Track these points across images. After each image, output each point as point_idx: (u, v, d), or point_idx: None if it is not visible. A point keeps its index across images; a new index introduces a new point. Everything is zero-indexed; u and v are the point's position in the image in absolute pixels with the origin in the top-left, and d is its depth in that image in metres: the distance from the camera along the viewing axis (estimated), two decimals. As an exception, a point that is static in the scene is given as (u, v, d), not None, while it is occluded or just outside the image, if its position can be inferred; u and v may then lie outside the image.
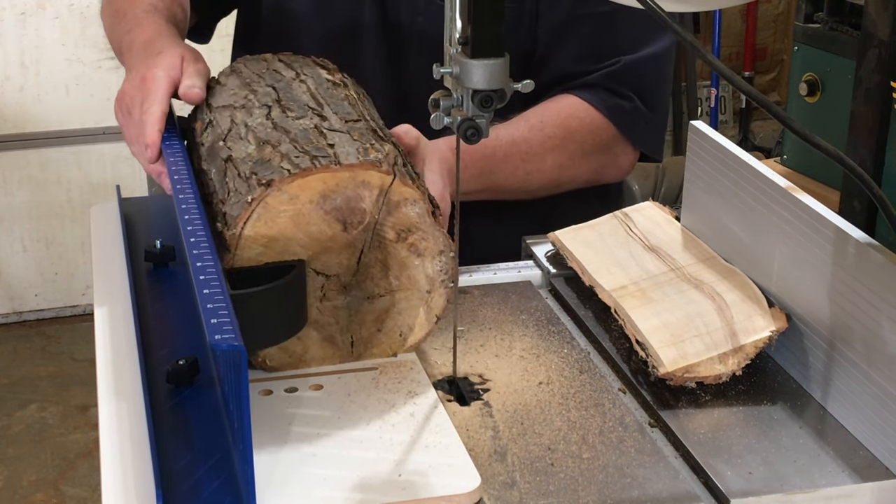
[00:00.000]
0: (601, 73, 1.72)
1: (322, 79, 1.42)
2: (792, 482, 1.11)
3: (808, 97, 3.02)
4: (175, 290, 1.36)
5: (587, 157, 1.73)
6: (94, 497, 3.27)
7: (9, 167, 4.07)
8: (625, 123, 1.73)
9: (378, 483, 1.07)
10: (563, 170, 1.72)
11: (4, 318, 4.22)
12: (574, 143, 1.71)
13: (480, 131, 1.15)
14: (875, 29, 2.26)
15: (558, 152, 1.70)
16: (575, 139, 1.71)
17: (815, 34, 3.00)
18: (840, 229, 1.20)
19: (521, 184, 1.70)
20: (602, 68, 1.72)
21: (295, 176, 1.17)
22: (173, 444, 1.08)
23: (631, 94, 1.73)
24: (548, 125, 1.70)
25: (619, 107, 1.72)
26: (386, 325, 1.27)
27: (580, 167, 1.73)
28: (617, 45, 1.72)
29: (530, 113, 1.70)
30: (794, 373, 1.30)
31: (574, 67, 1.73)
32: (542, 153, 1.69)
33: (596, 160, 1.75)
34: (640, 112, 1.74)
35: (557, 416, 1.22)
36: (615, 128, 1.73)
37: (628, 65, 1.72)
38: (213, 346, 0.96)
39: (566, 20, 1.70)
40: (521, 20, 1.70)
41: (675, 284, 1.39)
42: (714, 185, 1.46)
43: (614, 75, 1.72)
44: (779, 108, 1.09)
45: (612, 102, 1.72)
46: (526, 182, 1.69)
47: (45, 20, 3.95)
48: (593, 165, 1.75)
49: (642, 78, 1.74)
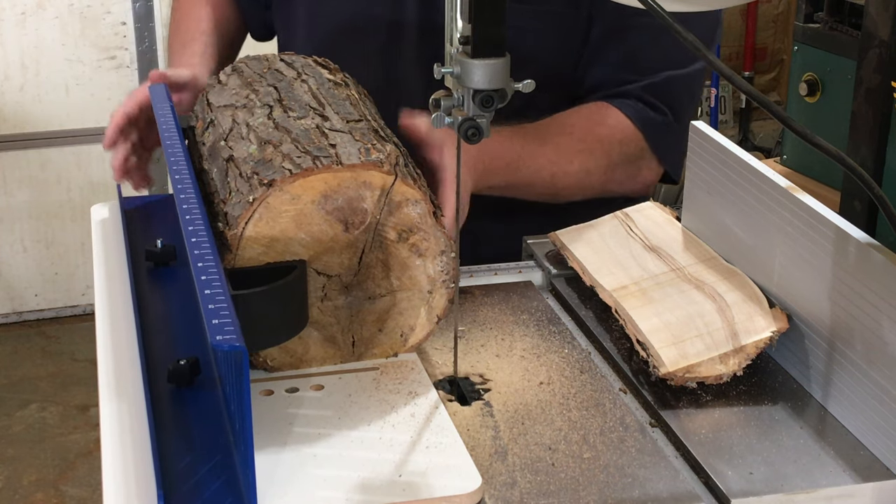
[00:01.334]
0: (640, 85, 1.71)
1: (323, 79, 1.42)
2: (793, 482, 1.11)
3: (808, 97, 3.02)
4: (176, 289, 1.36)
5: (614, 165, 1.72)
6: (94, 497, 3.27)
7: (9, 167, 4.06)
8: (655, 137, 1.72)
9: (379, 483, 1.07)
10: (588, 175, 1.71)
11: (4, 318, 4.22)
12: (602, 150, 1.70)
13: (481, 131, 1.15)
14: (875, 29, 2.26)
15: (585, 157, 1.69)
16: (603, 146, 1.70)
17: (815, 34, 3.00)
18: (841, 229, 1.21)
19: (546, 184, 1.69)
20: (642, 80, 1.71)
21: (296, 176, 1.17)
22: (174, 444, 1.08)
23: (665, 108, 1.72)
24: (578, 129, 1.70)
25: (652, 120, 1.71)
26: (387, 325, 1.27)
27: (606, 175, 1.73)
28: (659, 60, 1.71)
29: (562, 115, 1.71)
30: (794, 373, 1.30)
31: (614, 76, 1.72)
32: (569, 156, 1.68)
33: (622, 170, 1.74)
34: (672, 127, 1.73)
35: (558, 415, 1.22)
36: (645, 140, 1.72)
37: (669, 80, 1.71)
38: (215, 346, 0.96)
39: (614, 29, 1.69)
40: (577, 24, 1.70)
41: (675, 284, 1.40)
42: (714, 185, 1.46)
43: (652, 88, 1.71)
44: (779, 107, 1.09)
45: (645, 115, 1.71)
46: (551, 183, 1.69)
47: (45, 20, 3.95)
48: (619, 175, 1.74)
49: (679, 95, 1.74)
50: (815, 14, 3.00)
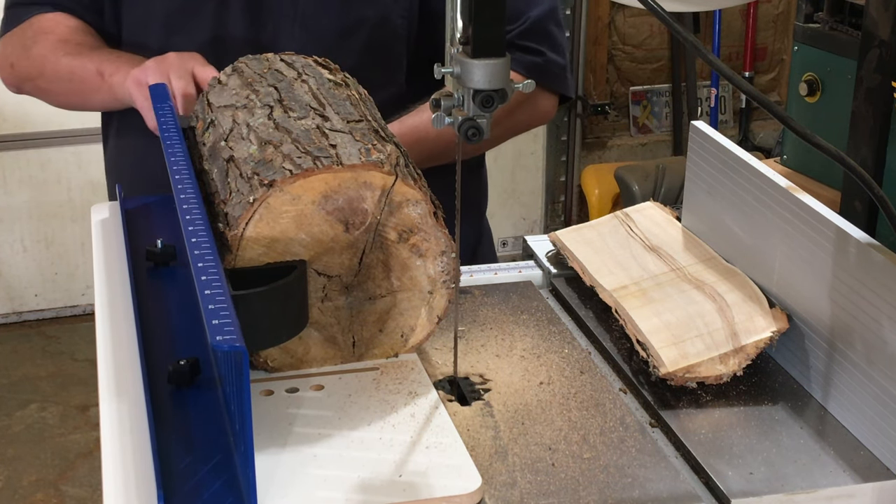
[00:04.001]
0: (513, 34, 1.79)
1: (324, 79, 1.42)
2: (793, 482, 1.11)
3: (808, 97, 3.02)
4: (176, 289, 1.36)
5: (511, 114, 1.78)
6: (94, 497, 3.27)
7: (9, 167, 4.06)
8: (542, 77, 1.80)
9: (379, 484, 1.07)
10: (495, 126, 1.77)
11: (4, 318, 4.22)
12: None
13: (481, 131, 1.16)
14: (876, 29, 2.26)
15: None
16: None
17: (815, 34, 3.00)
18: (841, 229, 1.21)
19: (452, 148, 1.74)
20: (514, 29, 1.79)
21: (297, 176, 1.17)
22: (174, 444, 1.08)
23: (541, 48, 1.81)
24: None
25: (533, 63, 1.80)
26: (387, 325, 1.27)
27: (509, 120, 1.80)
28: (520, 5, 1.79)
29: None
30: (794, 373, 1.30)
31: None
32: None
33: (521, 112, 1.83)
34: (553, 62, 1.83)
35: (558, 415, 1.22)
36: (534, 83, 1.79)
37: (534, 21, 1.80)
38: (215, 346, 0.96)
39: None
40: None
41: (675, 284, 1.40)
42: (715, 185, 1.46)
43: (525, 34, 1.80)
44: (779, 107, 1.09)
45: (525, 60, 1.79)
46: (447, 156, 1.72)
47: (46, 20, 3.94)
48: (519, 117, 1.83)
49: (547, 30, 1.83)
50: (815, 14, 3.00)
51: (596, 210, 4.39)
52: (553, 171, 4.63)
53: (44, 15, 1.83)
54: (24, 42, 1.84)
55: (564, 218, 4.70)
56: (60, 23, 1.82)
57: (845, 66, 2.83)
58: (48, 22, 1.83)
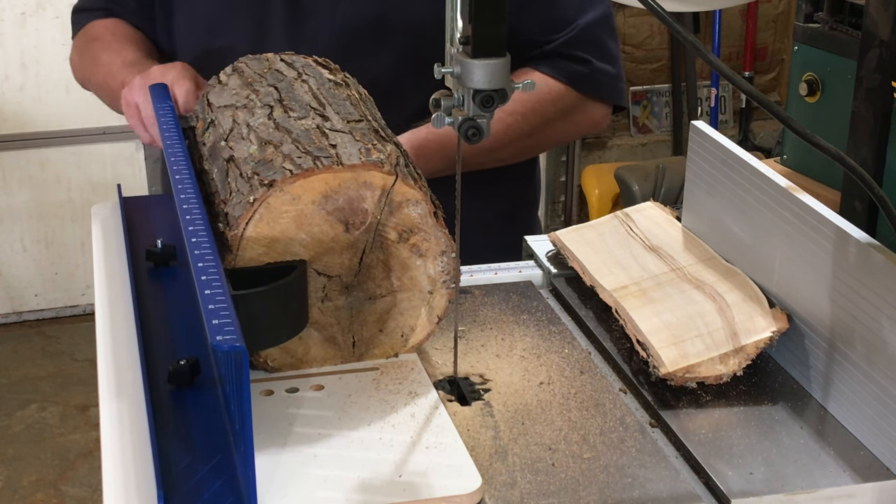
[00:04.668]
0: (559, 42, 1.78)
1: (324, 79, 1.42)
2: (793, 482, 1.11)
3: (808, 97, 3.02)
4: (176, 289, 1.36)
5: (551, 123, 1.79)
6: (94, 497, 3.27)
7: (9, 167, 4.07)
8: (586, 86, 1.80)
9: (379, 484, 1.07)
10: (529, 137, 1.79)
11: (4, 318, 4.22)
12: (535, 113, 1.77)
13: (481, 131, 1.16)
14: (876, 29, 2.26)
15: (520, 122, 1.76)
16: (536, 110, 1.77)
17: (815, 34, 3.00)
18: (841, 229, 1.21)
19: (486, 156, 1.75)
20: (560, 37, 1.78)
21: (297, 176, 1.17)
22: (174, 444, 1.08)
23: (588, 57, 1.79)
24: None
25: (578, 73, 1.79)
26: (387, 325, 1.27)
27: (545, 133, 1.81)
28: (569, 12, 1.79)
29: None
30: (794, 373, 1.30)
31: (533, 38, 1.78)
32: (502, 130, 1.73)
33: (563, 123, 1.82)
34: (601, 70, 1.81)
35: (558, 416, 1.22)
36: (576, 92, 1.80)
37: (582, 29, 1.79)
38: (215, 346, 0.96)
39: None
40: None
41: (675, 284, 1.40)
42: (715, 185, 1.46)
43: (571, 42, 1.79)
44: (779, 107, 1.09)
45: (570, 70, 1.78)
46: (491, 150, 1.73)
47: (45, 20, 3.95)
48: (561, 127, 1.83)
49: (597, 38, 1.81)
50: (815, 14, 3.00)
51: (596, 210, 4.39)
52: (553, 170, 4.63)
53: (98, 21, 1.92)
54: (80, 48, 1.95)
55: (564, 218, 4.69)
56: (109, 29, 1.89)
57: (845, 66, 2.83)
58: (100, 28, 1.91)
